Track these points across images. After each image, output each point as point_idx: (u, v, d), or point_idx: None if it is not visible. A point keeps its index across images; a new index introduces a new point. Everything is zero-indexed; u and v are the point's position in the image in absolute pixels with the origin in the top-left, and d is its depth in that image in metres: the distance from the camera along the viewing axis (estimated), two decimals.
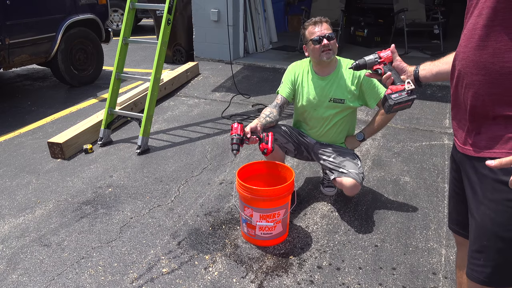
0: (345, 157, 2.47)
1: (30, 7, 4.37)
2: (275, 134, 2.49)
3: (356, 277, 2.04)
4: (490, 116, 1.12)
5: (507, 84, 1.07)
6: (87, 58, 5.29)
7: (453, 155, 1.33)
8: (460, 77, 1.17)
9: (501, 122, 1.10)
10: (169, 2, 3.38)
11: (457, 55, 1.20)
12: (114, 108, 3.64)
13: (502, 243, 1.13)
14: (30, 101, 4.76)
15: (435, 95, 4.54)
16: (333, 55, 2.37)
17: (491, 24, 1.06)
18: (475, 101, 1.14)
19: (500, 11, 1.04)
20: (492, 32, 1.06)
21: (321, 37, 2.31)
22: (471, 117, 1.17)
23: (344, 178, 2.35)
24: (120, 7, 8.60)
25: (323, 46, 2.32)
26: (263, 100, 4.54)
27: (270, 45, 6.80)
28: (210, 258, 2.17)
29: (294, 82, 2.51)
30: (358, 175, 2.35)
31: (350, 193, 2.40)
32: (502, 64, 1.06)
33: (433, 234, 2.35)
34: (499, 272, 1.16)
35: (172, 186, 2.87)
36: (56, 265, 2.14)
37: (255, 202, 2.15)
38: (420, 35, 6.85)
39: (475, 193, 1.19)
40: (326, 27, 2.35)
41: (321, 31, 2.33)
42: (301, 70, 2.52)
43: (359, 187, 2.36)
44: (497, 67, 1.07)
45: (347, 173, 2.36)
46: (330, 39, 2.33)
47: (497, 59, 1.07)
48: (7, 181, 3.00)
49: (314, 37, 2.33)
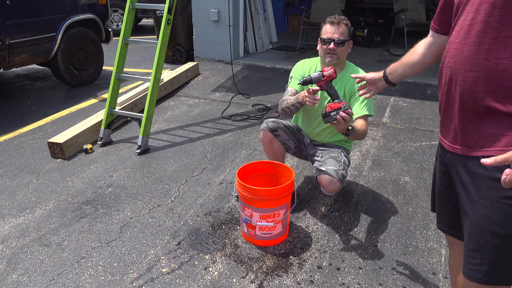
0: (330, 155, 2.47)
1: (30, 7, 4.37)
2: (278, 130, 2.49)
3: (356, 277, 2.04)
4: (482, 113, 1.11)
5: (500, 81, 1.06)
6: (87, 58, 5.29)
7: (441, 156, 1.32)
8: (452, 75, 1.16)
9: (494, 120, 1.10)
10: (169, 2, 3.38)
11: (447, 53, 1.18)
12: (114, 108, 3.64)
13: (498, 241, 1.13)
14: (30, 101, 4.76)
15: (435, 95, 4.54)
16: (336, 60, 2.35)
17: (488, 19, 1.06)
18: (468, 98, 1.13)
19: (497, 6, 1.03)
20: (489, 28, 1.06)
21: (330, 40, 2.31)
22: (462, 115, 1.16)
23: (322, 175, 2.37)
24: (120, 7, 8.60)
25: (328, 49, 2.32)
26: (263, 100, 4.54)
27: (270, 45, 6.80)
28: (210, 258, 2.18)
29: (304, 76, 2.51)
30: (336, 172, 2.35)
31: (328, 190, 2.41)
32: (498, 60, 1.05)
33: (433, 234, 2.35)
34: (497, 269, 1.16)
35: (172, 186, 2.87)
36: (56, 265, 2.14)
37: (255, 202, 2.15)
38: (420, 35, 6.80)
39: (467, 192, 1.18)
40: (341, 30, 2.31)
41: (333, 33, 2.31)
42: (309, 67, 2.52)
43: (337, 183, 2.35)
44: (492, 64, 1.06)
45: (324, 170, 2.37)
46: (338, 44, 2.30)
47: (492, 56, 1.06)
48: (7, 181, 3.00)
49: (325, 36, 2.33)
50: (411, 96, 4.54)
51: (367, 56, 6.20)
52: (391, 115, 4.08)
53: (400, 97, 4.54)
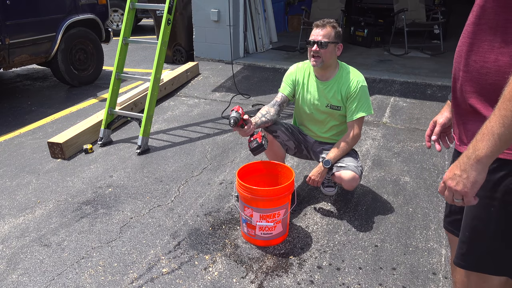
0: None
1: (30, 7, 4.37)
2: (277, 131, 2.49)
3: (356, 277, 2.04)
4: (469, 112, 1.14)
5: (483, 84, 1.08)
6: (87, 58, 5.29)
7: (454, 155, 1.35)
8: (454, 73, 1.21)
9: (476, 120, 1.12)
10: (169, 2, 3.39)
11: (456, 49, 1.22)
12: (114, 108, 3.64)
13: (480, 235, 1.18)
14: (30, 101, 4.76)
15: (435, 95, 4.54)
16: (321, 64, 2.32)
17: (478, 22, 1.08)
18: (459, 96, 1.17)
19: (486, 10, 1.05)
20: (479, 31, 1.08)
21: (314, 42, 2.30)
22: (456, 111, 1.20)
23: (343, 171, 2.35)
24: (120, 7, 8.60)
25: (312, 51, 2.31)
26: (263, 100, 4.54)
27: (270, 45, 6.80)
28: (210, 258, 2.17)
29: (295, 82, 2.51)
30: (356, 168, 2.35)
31: (349, 186, 2.38)
32: (483, 63, 1.07)
33: (433, 234, 2.35)
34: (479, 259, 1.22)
35: (172, 186, 2.87)
36: (56, 265, 2.14)
37: (255, 202, 2.15)
38: (420, 35, 6.85)
39: None
40: (325, 32, 2.28)
41: (316, 35, 2.29)
42: (303, 71, 2.51)
43: (358, 179, 2.35)
44: (478, 66, 1.08)
45: (345, 166, 2.36)
46: (322, 46, 2.28)
47: (479, 58, 1.08)
48: (7, 181, 2.99)
49: (310, 39, 2.33)
50: (411, 96, 4.54)
51: (367, 56, 6.20)
52: (391, 115, 4.08)
53: (400, 97, 4.54)
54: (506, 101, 0.92)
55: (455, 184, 1.05)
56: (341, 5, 6.69)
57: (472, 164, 1.00)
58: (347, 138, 2.41)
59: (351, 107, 2.39)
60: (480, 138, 0.98)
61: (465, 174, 1.02)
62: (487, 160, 0.98)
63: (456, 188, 1.04)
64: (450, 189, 1.07)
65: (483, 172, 1.00)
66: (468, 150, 1.01)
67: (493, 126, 0.94)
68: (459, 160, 1.04)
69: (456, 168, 1.04)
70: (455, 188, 1.05)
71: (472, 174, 1.01)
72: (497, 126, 0.93)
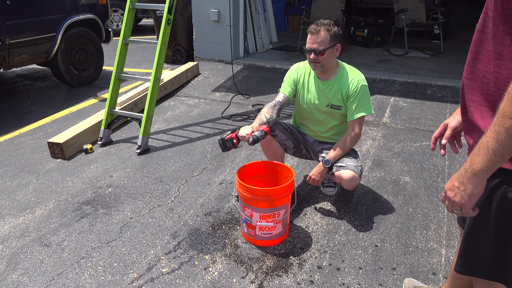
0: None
1: (30, 7, 4.37)
2: (275, 131, 2.50)
3: (356, 277, 2.04)
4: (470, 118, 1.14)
5: (485, 94, 1.07)
6: (87, 58, 5.29)
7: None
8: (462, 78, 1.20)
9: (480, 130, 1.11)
10: (169, 2, 3.38)
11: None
12: (114, 108, 3.64)
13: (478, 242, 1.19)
14: (30, 101, 4.76)
15: (435, 95, 4.54)
16: (320, 68, 2.34)
17: (482, 30, 1.06)
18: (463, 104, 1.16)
19: (490, 20, 1.03)
20: (483, 39, 1.06)
21: (310, 50, 2.30)
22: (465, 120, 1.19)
23: (343, 171, 2.35)
24: (120, 7, 8.60)
25: (310, 59, 2.33)
26: (263, 100, 4.54)
27: (270, 45, 6.80)
28: (210, 258, 2.17)
29: (296, 82, 2.51)
30: (356, 168, 2.35)
31: (349, 186, 2.38)
32: (485, 73, 1.06)
33: (433, 234, 2.35)
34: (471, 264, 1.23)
35: (172, 186, 2.87)
36: (56, 265, 2.14)
37: (255, 202, 2.15)
38: (420, 35, 6.85)
39: None
40: (320, 39, 2.27)
41: (312, 43, 2.29)
42: (303, 71, 2.51)
43: (358, 179, 2.35)
44: (481, 75, 1.07)
45: (345, 166, 2.36)
46: (318, 54, 2.28)
47: (482, 67, 1.07)
48: (7, 181, 2.99)
49: (306, 46, 2.34)
50: (411, 96, 4.54)
51: (367, 56, 6.20)
52: (391, 115, 4.08)
53: (400, 97, 4.54)
54: (500, 117, 0.92)
55: (453, 195, 1.06)
56: (341, 5, 6.69)
57: (469, 177, 1.01)
58: (347, 137, 2.41)
59: (351, 106, 2.39)
60: (477, 152, 0.98)
61: (462, 187, 1.03)
62: (483, 175, 0.99)
63: (454, 199, 1.06)
64: (450, 200, 1.08)
65: (480, 186, 1.01)
66: (466, 162, 1.02)
67: (488, 141, 0.95)
68: (459, 171, 1.05)
69: (455, 179, 1.05)
70: (453, 199, 1.06)
71: (469, 187, 1.02)
72: (492, 141, 0.94)
